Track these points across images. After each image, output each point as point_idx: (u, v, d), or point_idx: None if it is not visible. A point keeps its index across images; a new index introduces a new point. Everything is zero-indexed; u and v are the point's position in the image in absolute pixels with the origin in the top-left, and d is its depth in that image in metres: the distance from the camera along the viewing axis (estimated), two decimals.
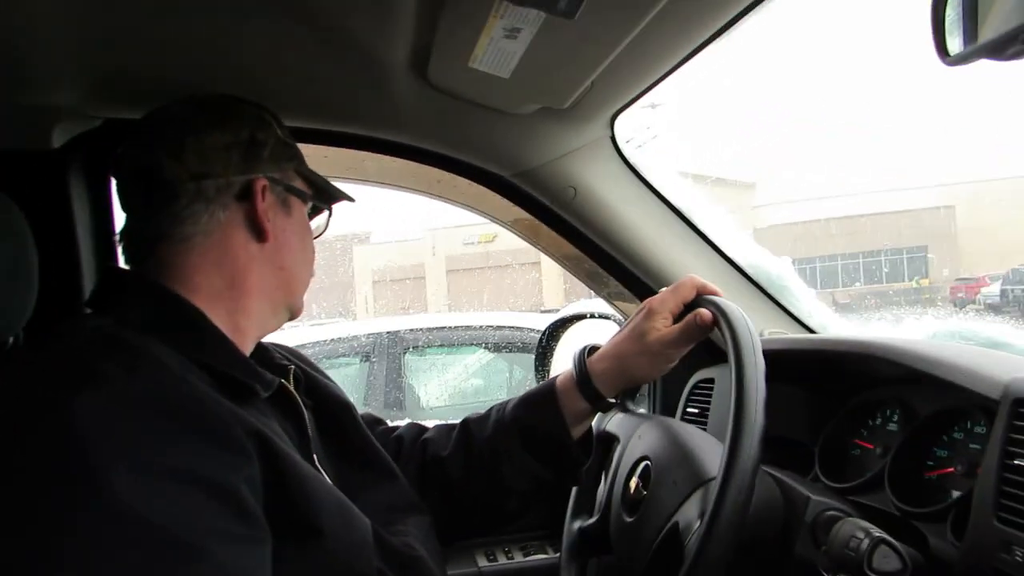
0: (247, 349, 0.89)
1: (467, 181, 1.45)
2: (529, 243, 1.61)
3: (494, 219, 1.56)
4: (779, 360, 0.82)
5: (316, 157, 1.32)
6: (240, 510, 0.67)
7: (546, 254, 1.62)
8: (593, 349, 1.06)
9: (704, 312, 0.95)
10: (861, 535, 0.82)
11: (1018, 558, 0.75)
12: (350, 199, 1.02)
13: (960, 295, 17.31)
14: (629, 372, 1.02)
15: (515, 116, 1.28)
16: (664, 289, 1.03)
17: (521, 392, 1.09)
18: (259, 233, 0.87)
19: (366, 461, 0.98)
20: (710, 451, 0.97)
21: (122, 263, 0.91)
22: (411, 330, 4.12)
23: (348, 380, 3.85)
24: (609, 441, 1.16)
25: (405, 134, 1.37)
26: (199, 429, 0.68)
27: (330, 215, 1.02)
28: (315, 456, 0.89)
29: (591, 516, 1.16)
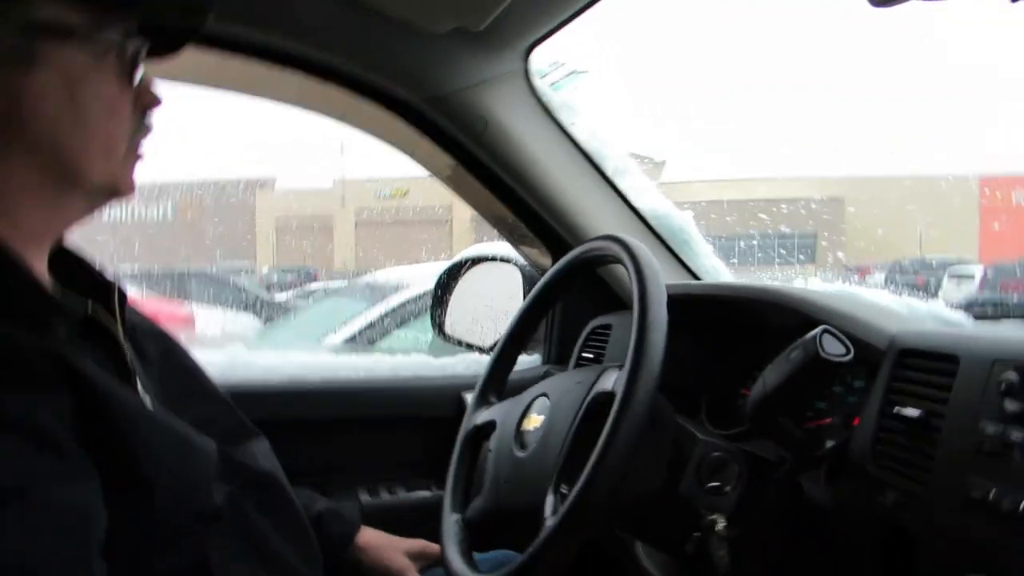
0: (36, 260, 0.69)
1: (374, 106, 1.36)
2: (437, 178, 1.54)
3: (400, 148, 1.49)
4: (671, 306, 0.81)
5: (198, 62, 1.22)
6: (54, 447, 0.56)
7: (455, 192, 1.56)
8: None
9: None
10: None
11: (890, 498, 0.77)
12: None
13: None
14: None
15: (428, 36, 1.21)
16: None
17: None
18: None
19: (194, 387, 0.86)
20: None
21: None
22: None
23: None
24: (481, 436, 1.05)
25: (307, 45, 1.26)
26: None
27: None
28: (139, 385, 0.74)
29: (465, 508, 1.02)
